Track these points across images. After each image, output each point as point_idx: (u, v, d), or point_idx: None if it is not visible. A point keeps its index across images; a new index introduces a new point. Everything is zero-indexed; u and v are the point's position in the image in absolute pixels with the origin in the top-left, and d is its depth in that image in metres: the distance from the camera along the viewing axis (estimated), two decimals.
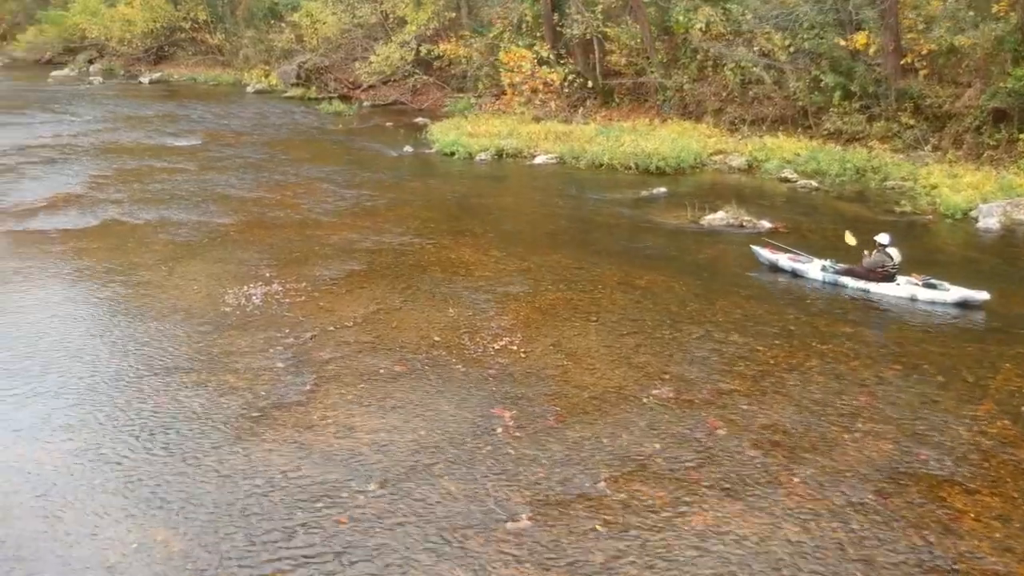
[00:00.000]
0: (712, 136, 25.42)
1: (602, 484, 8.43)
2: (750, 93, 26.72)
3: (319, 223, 18.05)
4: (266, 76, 43.12)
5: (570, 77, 29.76)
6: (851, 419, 9.78)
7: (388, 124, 32.27)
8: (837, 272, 14.26)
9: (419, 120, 32.38)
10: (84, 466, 8.79)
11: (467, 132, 27.10)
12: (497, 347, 11.64)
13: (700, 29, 27.30)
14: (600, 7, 29.84)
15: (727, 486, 8.44)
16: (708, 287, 14.27)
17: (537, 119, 28.60)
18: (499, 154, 25.27)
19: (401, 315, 12.85)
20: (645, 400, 10.18)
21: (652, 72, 29.03)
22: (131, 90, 43.92)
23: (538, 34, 32.18)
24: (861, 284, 13.93)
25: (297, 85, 40.41)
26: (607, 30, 30.04)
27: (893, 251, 13.75)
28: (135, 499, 8.23)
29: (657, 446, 9.16)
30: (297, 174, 23.14)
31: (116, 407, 10.05)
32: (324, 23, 39.65)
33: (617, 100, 30.45)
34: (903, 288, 13.64)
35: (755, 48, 26.59)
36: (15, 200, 19.99)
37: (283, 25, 42.70)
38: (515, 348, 11.61)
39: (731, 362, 11.30)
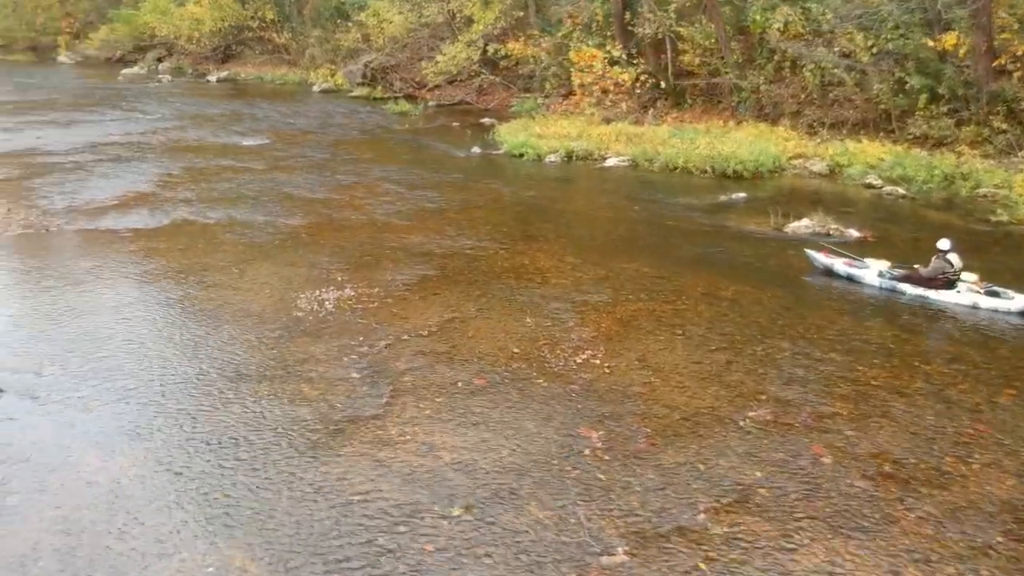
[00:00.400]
0: (790, 139, 24.56)
1: (702, 516, 7.85)
2: (830, 95, 25.79)
3: (389, 225, 17.68)
4: (332, 75, 43.15)
5: (642, 77, 29.03)
6: (967, 449, 9.06)
7: (454, 124, 31.92)
8: (895, 278, 13.76)
9: (485, 120, 31.97)
10: (156, 479, 8.46)
11: (536, 133, 26.60)
12: (579, 361, 11.10)
13: (778, 29, 26.42)
14: (673, 6, 29.11)
15: (838, 521, 7.80)
16: (798, 299, 13.57)
17: (607, 120, 28.00)
18: (569, 156, 24.72)
19: (477, 324, 12.38)
20: (741, 423, 9.56)
21: (727, 73, 28.23)
22: (199, 88, 44.27)
23: (608, 33, 31.53)
24: (920, 291, 13.44)
25: (363, 85, 40.33)
26: (680, 29, 29.30)
27: (953, 257, 13.28)
28: (210, 517, 7.86)
29: (758, 474, 8.54)
30: (365, 174, 22.86)
31: (188, 415, 9.73)
32: (391, 22, 39.51)
33: (689, 101, 29.68)
34: (964, 296, 13.12)
35: (836, 49, 25.69)
36: (87, 198, 19.97)
37: (349, 24, 42.65)
38: (598, 362, 11.06)
39: (830, 382, 10.61)
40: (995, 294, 12.98)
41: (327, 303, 13.12)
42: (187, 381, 10.60)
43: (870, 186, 21.19)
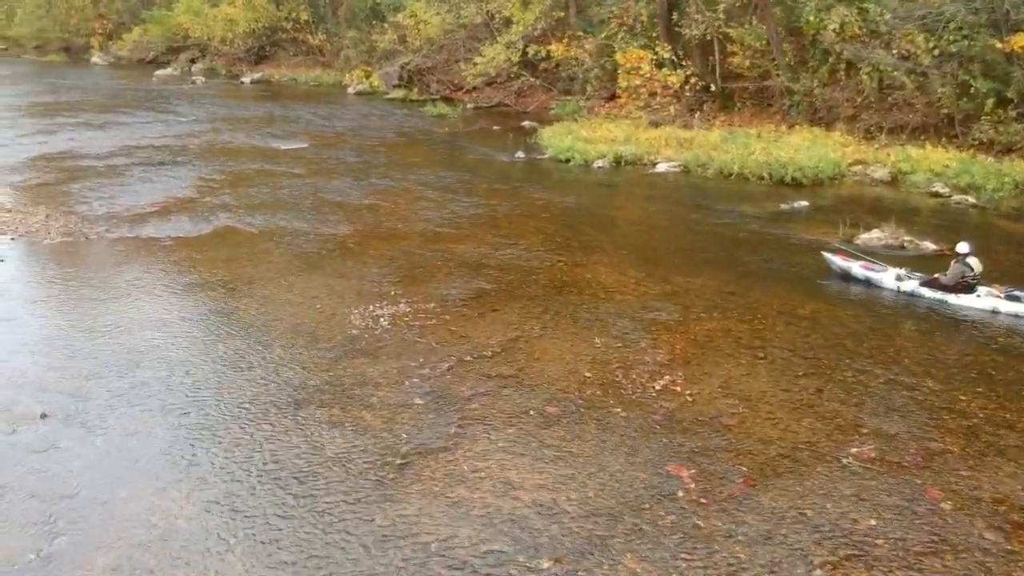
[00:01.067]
0: (848, 145, 23.63)
1: (819, 573, 7.04)
2: (888, 99, 24.82)
3: (439, 235, 16.97)
4: (367, 77, 42.59)
5: (692, 80, 28.17)
6: None
7: (494, 127, 31.21)
8: (919, 284, 13.59)
9: (525, 123, 31.25)
10: (214, 520, 7.77)
11: (581, 137, 25.82)
12: (658, 387, 10.32)
13: (833, 30, 25.46)
14: (722, 7, 28.24)
15: None
16: (882, 319, 12.72)
17: (654, 124, 27.18)
18: (618, 161, 23.94)
19: (543, 344, 11.63)
20: (844, 460, 8.75)
21: (778, 75, 27.32)
22: (233, 90, 43.85)
23: (653, 34, 30.68)
24: (939, 295, 13.27)
25: (399, 87, 39.73)
26: (729, 30, 28.40)
27: (973, 261, 13.10)
28: (274, 565, 7.16)
29: (873, 522, 7.73)
30: (409, 180, 22.18)
31: (244, 446, 9.05)
32: (428, 23, 38.84)
33: (738, 104, 28.79)
34: (984, 300, 12.93)
35: (894, 50, 24.70)
36: (126, 203, 19.44)
37: (385, 26, 42.03)
38: (679, 389, 10.28)
39: (933, 413, 9.77)
40: (1016, 298, 12.71)
41: (382, 319, 12.43)
42: (240, 406, 9.92)
43: (936, 194, 20.26)
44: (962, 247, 13.23)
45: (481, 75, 35.98)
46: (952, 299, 13.08)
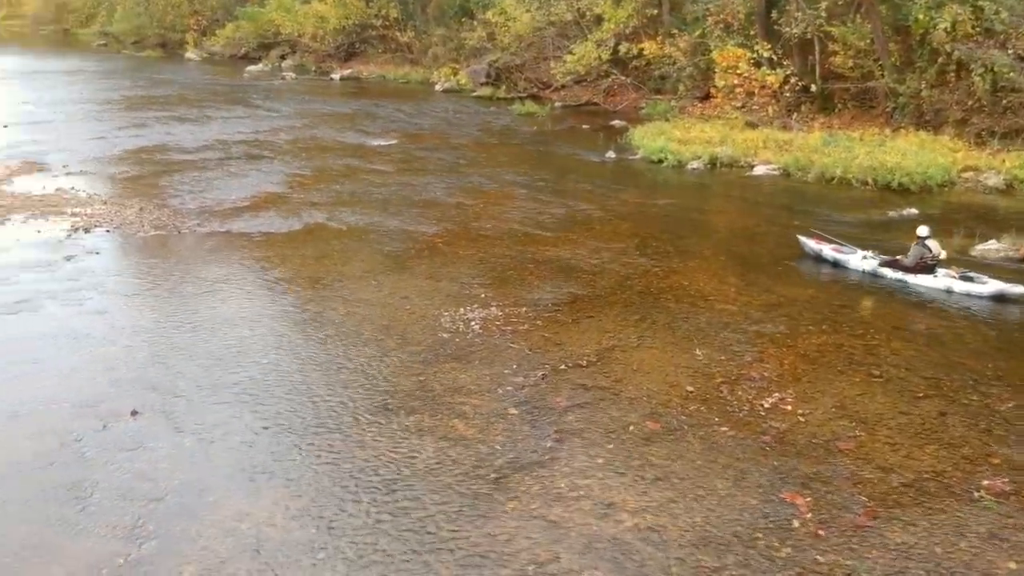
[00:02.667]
0: (958, 150, 22.38)
1: None
2: (1002, 101, 23.46)
3: (530, 236, 16.55)
4: (454, 75, 42.39)
5: (792, 80, 27.18)
6: None
7: (583, 126, 30.65)
8: (879, 264, 14.26)
9: (615, 123, 30.62)
10: (304, 531, 7.49)
11: (675, 138, 25.09)
12: (767, 405, 9.71)
13: (944, 29, 24.21)
14: (824, 4, 27.12)
15: None
16: (1006, 337, 11.86)
17: (751, 125, 26.27)
18: (713, 163, 23.17)
19: (640, 355, 11.10)
20: (975, 494, 8.03)
21: (882, 76, 26.14)
22: (322, 87, 44.19)
23: (750, 32, 29.73)
24: (899, 275, 13.95)
25: (486, 84, 39.41)
26: (831, 29, 27.28)
27: (932, 243, 13.79)
28: None
29: (1012, 566, 7.04)
30: (498, 179, 21.83)
31: (334, 451, 8.77)
32: (517, 21, 38.45)
33: (839, 106, 27.67)
34: (940, 280, 13.60)
35: (1010, 50, 23.36)
36: (219, 198, 19.51)
37: (474, 23, 41.81)
38: (789, 408, 9.64)
39: None
40: (969, 279, 13.41)
41: (473, 323, 12.06)
42: (330, 409, 9.65)
43: None
44: (922, 230, 13.93)
45: (570, 73, 35.43)
46: (911, 279, 13.78)
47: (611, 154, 24.78)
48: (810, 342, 11.49)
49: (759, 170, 22.40)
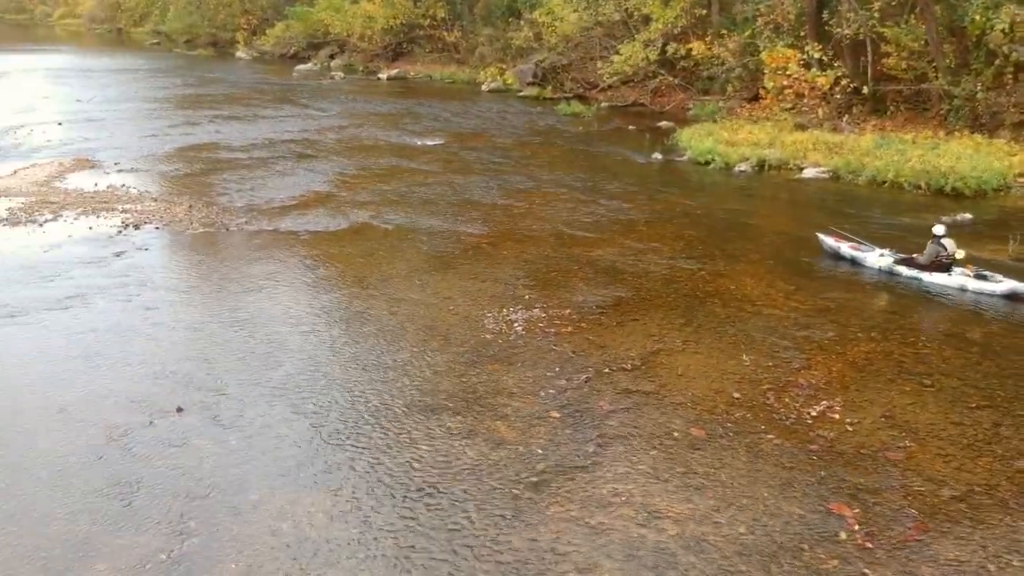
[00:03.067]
0: (1015, 154, 21.84)
1: None
2: None
3: (574, 238, 16.46)
4: (501, 75, 42.44)
5: (843, 82, 26.74)
6: None
7: (630, 127, 30.47)
8: (894, 261, 14.35)
9: (662, 124, 30.43)
10: (345, 532, 7.48)
11: (723, 139, 24.85)
12: (814, 413, 9.52)
13: (1002, 30, 23.66)
14: (877, 4, 26.66)
15: None
16: None
17: (800, 127, 25.90)
18: (761, 165, 22.89)
19: (685, 359, 10.96)
20: None
21: (936, 78, 25.62)
22: (370, 86, 44.47)
23: (801, 33, 29.33)
24: (914, 273, 14.02)
25: (533, 84, 39.42)
26: (884, 30, 26.81)
27: (948, 242, 13.82)
28: None
29: None
30: (543, 180, 21.75)
31: (375, 451, 8.76)
32: (564, 21, 38.35)
33: (891, 108, 27.18)
34: (954, 279, 13.63)
35: None
36: (266, 196, 19.68)
37: (521, 23, 41.81)
38: (837, 417, 9.45)
39: None
40: (983, 277, 13.44)
41: (516, 324, 12.01)
42: (371, 410, 9.65)
43: None
44: (938, 229, 14.00)
45: (617, 74, 35.28)
46: (926, 277, 13.85)
47: (657, 155, 24.59)
48: (859, 349, 11.27)
49: (808, 173, 22.07)
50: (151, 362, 10.84)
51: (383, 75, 48.12)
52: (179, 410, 9.57)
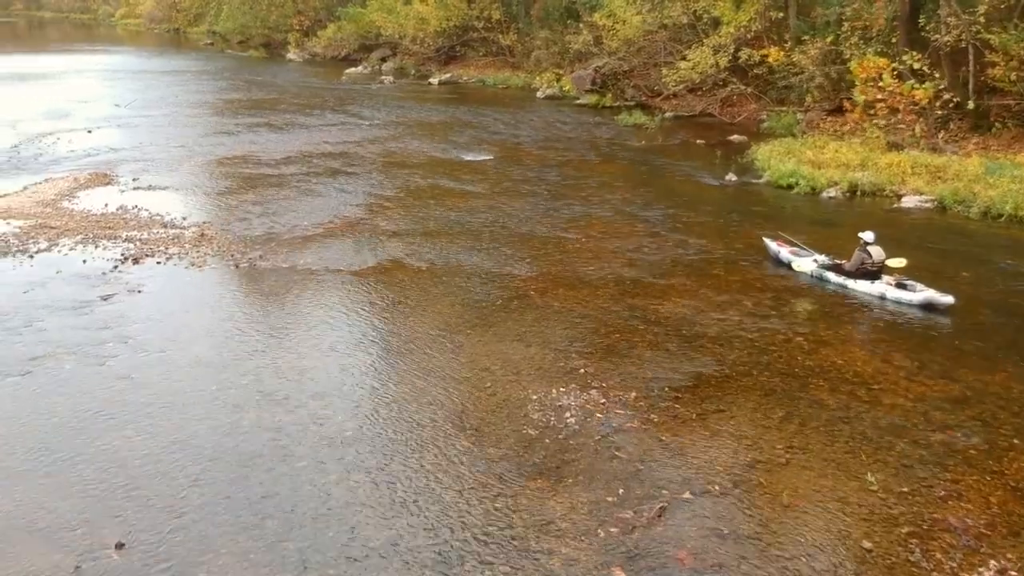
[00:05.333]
0: None
1: None
2: None
3: (639, 284, 13.87)
4: (557, 80, 39.91)
5: (945, 95, 23.67)
6: None
7: (698, 141, 27.70)
8: (823, 267, 14.15)
9: (734, 138, 27.67)
10: None
11: (806, 159, 21.99)
12: None
13: None
14: (982, 8, 23.53)
15: None
16: None
17: (893, 146, 22.92)
18: (852, 190, 20.01)
19: (792, 478, 8.33)
20: None
21: None
22: (420, 92, 42.21)
23: (892, 39, 26.29)
24: (841, 280, 13.85)
25: (592, 91, 36.77)
26: (989, 36, 23.67)
27: (874, 249, 13.60)
28: None
29: None
30: (601, 206, 19.17)
31: None
32: (626, 23, 35.64)
33: (996, 125, 24.02)
34: (876, 286, 13.42)
35: None
36: (290, 223, 17.44)
37: (580, 25, 39.19)
38: None
39: None
40: (903, 287, 13.16)
41: (568, 414, 9.49)
42: (367, 556, 7.18)
43: None
44: (867, 235, 13.71)
45: (684, 81, 32.46)
46: (851, 284, 13.64)
47: (732, 176, 21.85)
48: (1019, 464, 8.51)
49: (908, 201, 19.16)
50: (103, 469, 8.51)
51: (434, 79, 45.85)
52: (119, 546, 7.22)
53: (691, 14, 33.87)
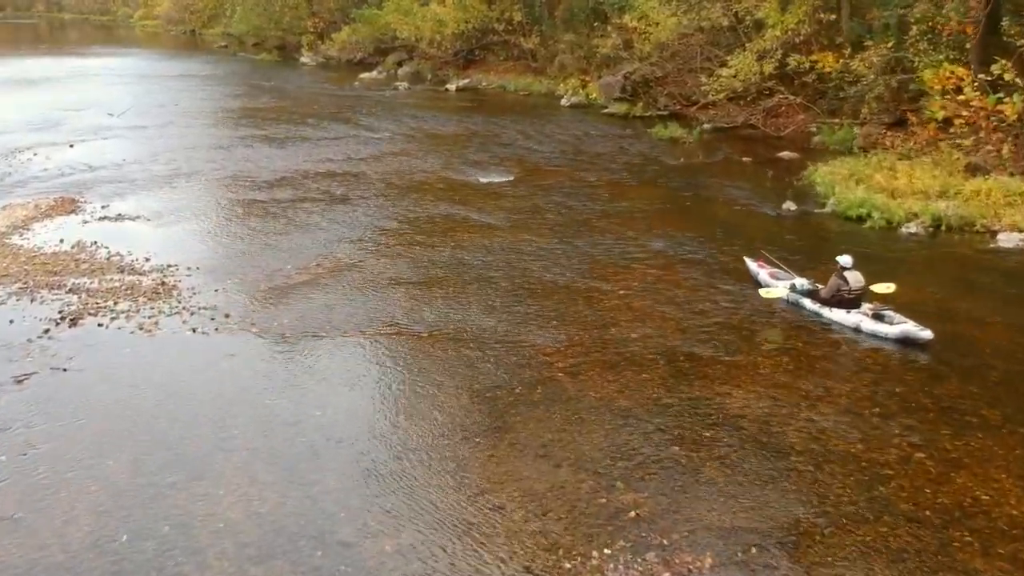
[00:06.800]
0: None
1: None
2: None
3: (698, 363, 10.93)
4: (583, 87, 36.96)
5: None
6: None
7: (743, 159, 24.72)
8: (799, 293, 12.89)
9: (783, 154, 24.69)
10: None
11: (877, 185, 18.91)
12: None
13: None
14: None
15: None
16: None
17: (974, 168, 19.76)
18: (936, 224, 16.93)
19: None
20: None
21: None
22: (436, 99, 39.37)
23: (967, 45, 23.15)
24: (816, 307, 12.55)
25: (621, 100, 33.75)
26: None
27: (852, 275, 12.34)
28: None
29: None
30: (641, 244, 16.22)
31: None
32: (659, 26, 32.61)
33: None
34: (851, 316, 12.12)
35: None
36: (270, 267, 14.69)
37: (608, 28, 36.20)
38: None
39: None
40: (880, 318, 11.86)
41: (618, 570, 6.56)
42: None
43: None
44: (844, 260, 12.53)
45: (724, 90, 29.35)
46: (826, 312, 12.45)
47: (790, 205, 18.81)
48: None
49: (1006, 240, 16.09)
50: None
51: (452, 85, 43.01)
52: None
53: (732, 16, 30.82)
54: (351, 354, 11.23)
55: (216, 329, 12.02)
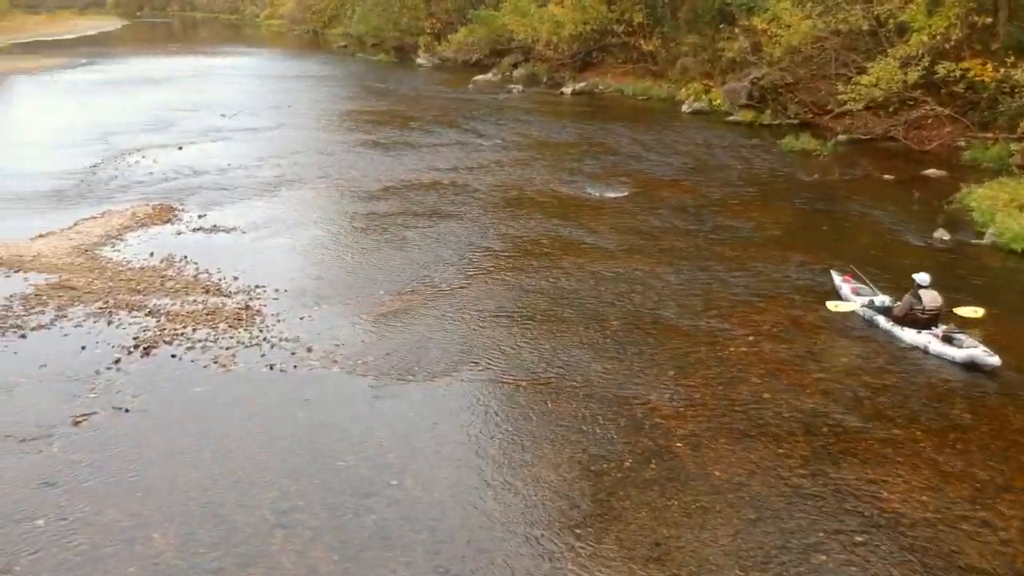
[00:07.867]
0: None
1: None
2: None
3: (845, 438, 9.16)
4: (706, 92, 34.92)
5: None
6: None
7: (884, 176, 22.44)
8: (875, 310, 12.25)
9: (929, 172, 22.32)
10: None
11: None
12: None
13: None
14: None
15: None
16: None
17: None
18: None
19: None
20: None
21: None
22: (551, 103, 37.99)
23: None
24: (889, 326, 11.89)
25: (747, 107, 31.65)
26: None
27: (926, 294, 11.74)
28: None
29: None
30: (774, 278, 14.41)
31: None
32: (792, 29, 30.30)
33: None
34: (921, 336, 11.47)
35: None
36: (362, 291, 13.68)
37: (735, 30, 34.07)
38: None
39: None
40: (950, 340, 11.15)
41: None
42: None
43: None
44: (920, 278, 11.91)
45: (863, 99, 26.93)
46: (898, 331, 11.77)
47: (942, 233, 16.64)
48: None
49: None
50: None
51: (567, 88, 41.52)
52: None
53: (873, 19, 28.33)
54: (439, 407, 9.91)
55: (295, 366, 10.89)
